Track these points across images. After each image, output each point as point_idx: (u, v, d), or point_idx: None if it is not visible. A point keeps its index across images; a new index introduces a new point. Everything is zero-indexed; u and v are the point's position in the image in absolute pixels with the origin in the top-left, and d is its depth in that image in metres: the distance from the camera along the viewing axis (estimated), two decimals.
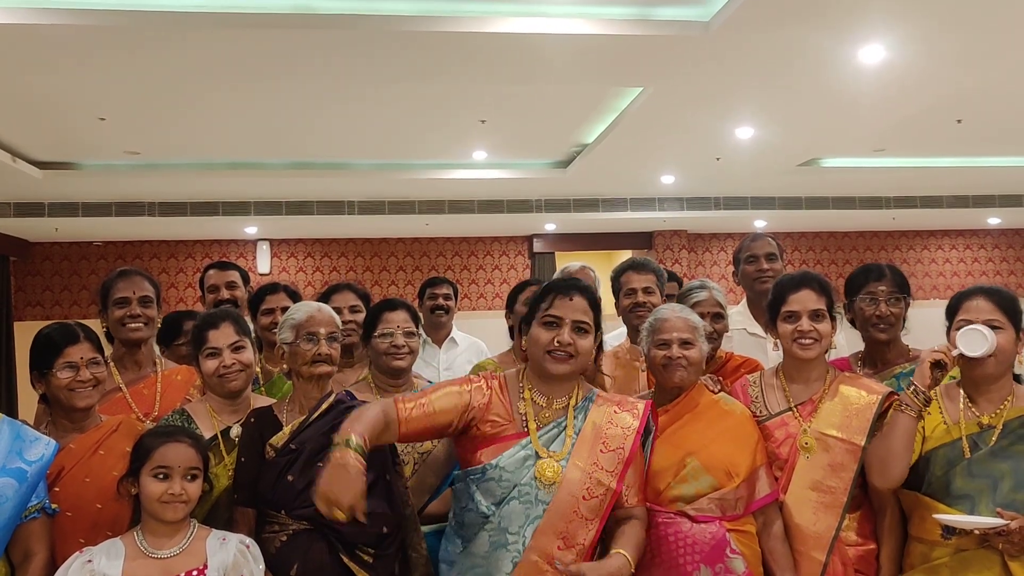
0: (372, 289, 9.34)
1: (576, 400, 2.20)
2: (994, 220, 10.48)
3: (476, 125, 6.50)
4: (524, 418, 2.14)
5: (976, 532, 2.02)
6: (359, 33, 4.39)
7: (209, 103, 5.80)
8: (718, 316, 2.87)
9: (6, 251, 9.07)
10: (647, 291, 3.03)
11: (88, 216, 8.46)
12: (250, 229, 9.51)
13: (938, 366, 2.15)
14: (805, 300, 2.36)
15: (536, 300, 2.21)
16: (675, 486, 2.23)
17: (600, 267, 8.69)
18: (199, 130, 6.48)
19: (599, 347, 2.27)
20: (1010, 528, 1.95)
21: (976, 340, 2.10)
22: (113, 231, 9.30)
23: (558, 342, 2.12)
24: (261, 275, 9.76)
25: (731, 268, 3.66)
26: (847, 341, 2.90)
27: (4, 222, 8.42)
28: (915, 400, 2.14)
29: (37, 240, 9.54)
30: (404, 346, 2.60)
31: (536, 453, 2.09)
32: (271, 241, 10.01)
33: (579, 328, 2.14)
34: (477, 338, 4.50)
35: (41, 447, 2.11)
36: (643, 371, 2.86)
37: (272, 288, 3.13)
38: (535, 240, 10.10)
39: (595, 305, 2.20)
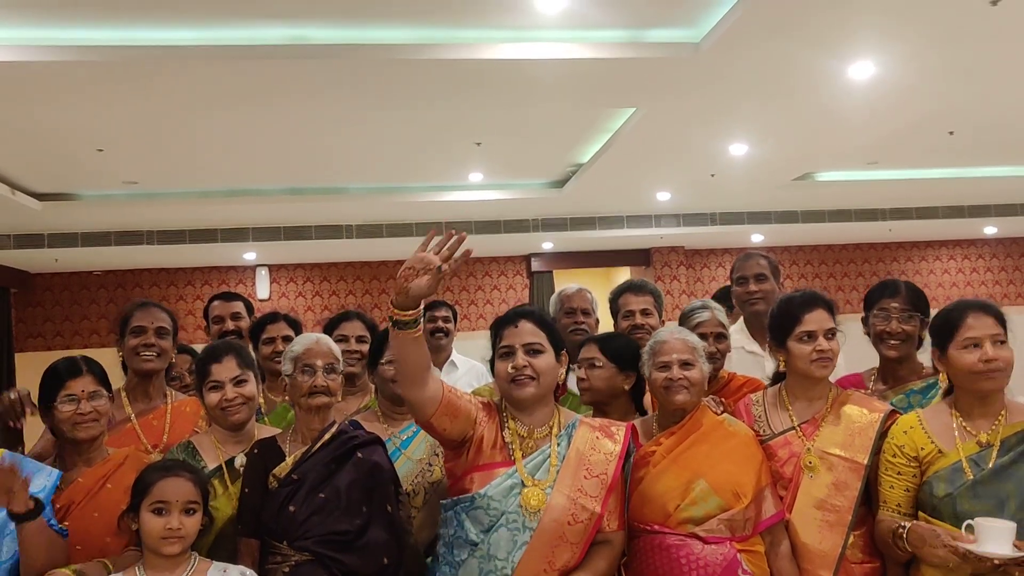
0: (372, 312, 9.35)
1: (558, 428, 2.24)
2: (990, 230, 10.53)
3: (472, 148, 6.55)
4: (510, 447, 2.19)
5: (995, 562, 1.96)
6: (354, 62, 4.44)
7: (206, 132, 5.85)
8: (720, 336, 2.88)
9: (7, 283, 9.09)
10: (645, 312, 3.05)
11: (88, 246, 8.48)
12: (249, 255, 9.55)
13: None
14: (821, 320, 2.38)
15: (492, 339, 2.29)
16: (684, 508, 2.24)
17: (599, 285, 8.72)
18: (196, 158, 6.52)
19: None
20: None
21: (1002, 536, 1.95)
22: (112, 260, 9.31)
23: (513, 367, 2.18)
24: (261, 301, 9.78)
25: (728, 284, 3.67)
26: (845, 360, 2.91)
27: (4, 254, 8.45)
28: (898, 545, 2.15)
29: (37, 271, 9.58)
30: None
31: (522, 482, 2.14)
32: (270, 267, 10.04)
33: (532, 350, 2.20)
34: (477, 360, 4.52)
35: (43, 478, 2.15)
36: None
37: (272, 317, 3.15)
38: (533, 259, 10.14)
39: (545, 325, 2.26)
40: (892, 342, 2.61)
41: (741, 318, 3.55)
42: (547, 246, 9.84)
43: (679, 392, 2.33)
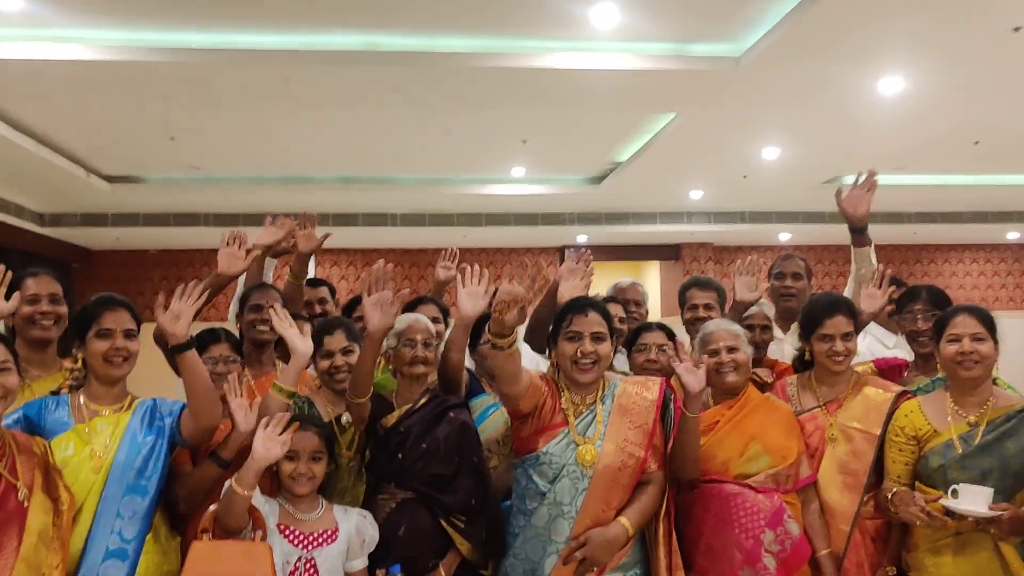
0: (411, 297, 9.79)
1: (602, 391, 2.62)
2: (1013, 235, 10.78)
3: (517, 145, 6.94)
4: (565, 411, 2.57)
5: (970, 519, 2.36)
6: (421, 68, 4.85)
7: (271, 124, 6.29)
8: (766, 328, 3.37)
9: (71, 258, 9.63)
10: (707, 307, 3.43)
11: (148, 226, 9.00)
12: None
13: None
14: (839, 325, 2.78)
15: (558, 320, 2.64)
16: (741, 464, 2.66)
17: (630, 276, 9.08)
18: (258, 147, 6.96)
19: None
20: (1001, 518, 2.31)
21: (978, 498, 2.33)
22: (169, 240, 9.82)
23: (581, 352, 2.55)
24: None
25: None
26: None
27: (71, 231, 8.99)
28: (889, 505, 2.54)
29: (97, 248, 10.11)
30: None
31: (575, 441, 2.52)
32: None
33: (597, 337, 2.56)
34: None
35: (169, 404, 2.51)
36: None
37: (359, 299, 3.55)
38: (567, 251, 10.47)
39: (607, 316, 2.62)
40: (921, 339, 3.00)
41: (774, 309, 3.93)
42: (581, 239, 10.21)
43: (728, 374, 2.75)
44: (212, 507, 2.37)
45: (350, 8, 4.33)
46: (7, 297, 2.67)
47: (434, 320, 3.36)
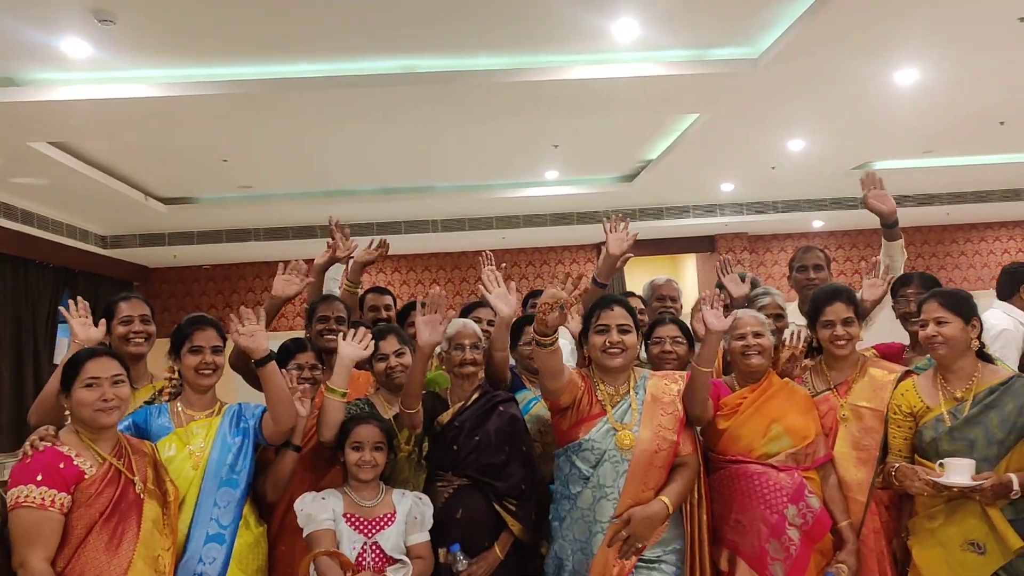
0: (454, 299, 10.13)
1: (634, 382, 2.88)
2: None
3: (550, 150, 7.23)
4: (602, 402, 2.83)
5: (956, 489, 2.59)
6: (456, 86, 5.16)
7: (317, 144, 6.66)
8: (779, 316, 3.58)
9: (131, 277, 10.16)
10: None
11: (202, 243, 9.45)
12: None
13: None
14: (838, 311, 3.03)
15: (587, 316, 2.92)
16: (764, 445, 2.89)
17: (666, 269, 9.30)
18: (305, 165, 7.35)
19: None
20: (983, 487, 2.54)
21: (963, 471, 2.57)
22: (222, 255, 10.28)
23: (609, 342, 2.81)
24: None
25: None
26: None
27: (131, 251, 9.48)
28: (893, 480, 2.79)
29: (155, 266, 10.62)
30: None
31: (613, 427, 2.77)
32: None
33: (622, 329, 2.83)
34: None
35: (252, 408, 2.86)
36: None
37: (412, 304, 3.88)
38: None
39: (631, 311, 2.88)
40: (914, 320, 3.22)
41: (797, 299, 4.17)
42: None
43: (753, 356, 2.99)
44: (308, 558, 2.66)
45: (389, 36, 4.66)
46: (95, 322, 3.04)
47: (489, 322, 3.70)
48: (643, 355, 3.42)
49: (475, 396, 3.02)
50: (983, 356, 2.80)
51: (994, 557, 2.58)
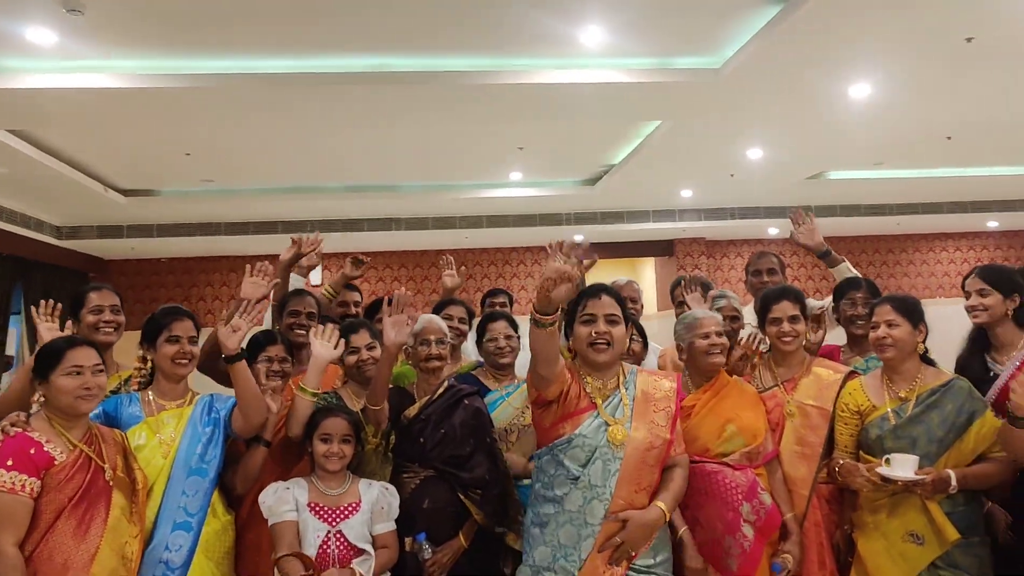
0: (416, 297, 10.18)
1: (623, 377, 2.74)
2: (992, 223, 11.16)
3: (514, 151, 7.33)
4: (592, 397, 2.67)
5: (900, 483, 2.73)
6: (426, 86, 5.22)
7: (280, 139, 6.66)
8: (734, 318, 3.71)
9: (86, 268, 10.02)
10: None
11: (162, 236, 9.37)
12: None
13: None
14: (785, 309, 3.15)
15: (573, 306, 2.70)
16: (719, 445, 2.93)
17: (625, 273, 9.42)
18: (268, 160, 7.34)
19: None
20: (925, 481, 2.69)
21: (907, 465, 2.69)
22: (181, 249, 10.20)
23: (595, 333, 2.64)
24: (314, 286, 10.58)
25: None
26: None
27: (88, 243, 9.37)
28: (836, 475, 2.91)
29: (111, 258, 10.48)
30: (506, 346, 3.41)
31: (605, 422, 2.62)
32: (323, 255, 10.84)
33: (610, 320, 2.66)
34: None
35: (223, 399, 2.91)
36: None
37: (380, 300, 3.94)
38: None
39: (620, 300, 2.72)
40: (860, 322, 3.40)
41: (753, 302, 4.31)
42: (578, 238, 10.54)
43: (717, 355, 3.05)
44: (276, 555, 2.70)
45: (357, 34, 4.71)
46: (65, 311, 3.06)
47: (460, 320, 3.78)
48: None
49: (440, 390, 3.10)
50: (926, 360, 2.95)
51: (932, 547, 2.73)
